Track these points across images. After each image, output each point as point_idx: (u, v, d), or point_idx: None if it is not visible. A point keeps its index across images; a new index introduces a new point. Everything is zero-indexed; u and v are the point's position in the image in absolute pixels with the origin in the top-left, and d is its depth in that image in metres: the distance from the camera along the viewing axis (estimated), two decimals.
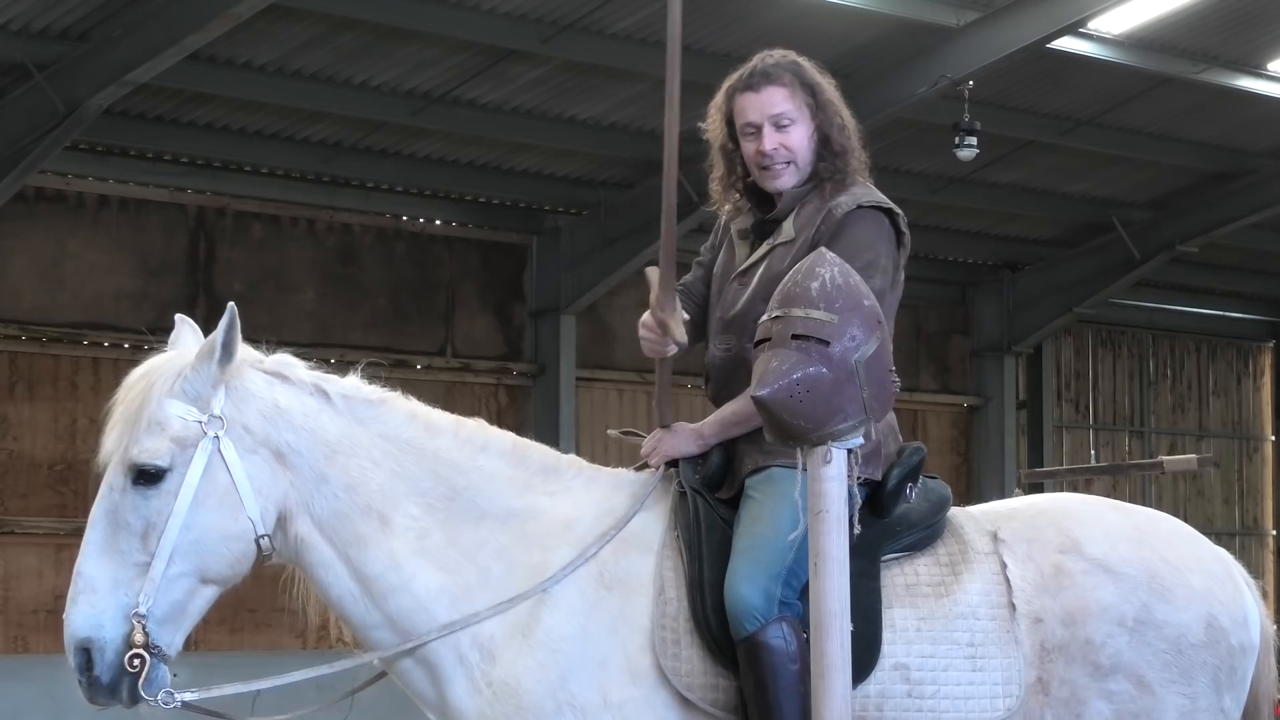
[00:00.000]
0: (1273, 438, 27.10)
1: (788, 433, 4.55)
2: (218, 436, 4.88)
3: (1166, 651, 5.19)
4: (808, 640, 4.86)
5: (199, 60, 14.98)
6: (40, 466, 16.75)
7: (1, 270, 16.59)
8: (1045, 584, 5.20)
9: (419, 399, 5.27)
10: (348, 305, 18.53)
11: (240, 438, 4.90)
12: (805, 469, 4.60)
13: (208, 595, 4.93)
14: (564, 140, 17.99)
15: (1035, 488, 19.43)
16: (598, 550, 5.04)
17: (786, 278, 4.69)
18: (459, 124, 17.31)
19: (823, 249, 4.71)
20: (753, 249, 5.39)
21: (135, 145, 16.99)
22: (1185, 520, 5.78)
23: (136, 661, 4.76)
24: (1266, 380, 27.20)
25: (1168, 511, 5.96)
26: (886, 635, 5.08)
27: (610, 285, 19.46)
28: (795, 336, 4.53)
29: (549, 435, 17.78)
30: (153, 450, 4.85)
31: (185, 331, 5.16)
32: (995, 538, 5.30)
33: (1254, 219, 21.94)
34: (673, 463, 5.30)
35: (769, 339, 4.58)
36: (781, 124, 5.35)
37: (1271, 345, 27.19)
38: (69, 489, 16.84)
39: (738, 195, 5.50)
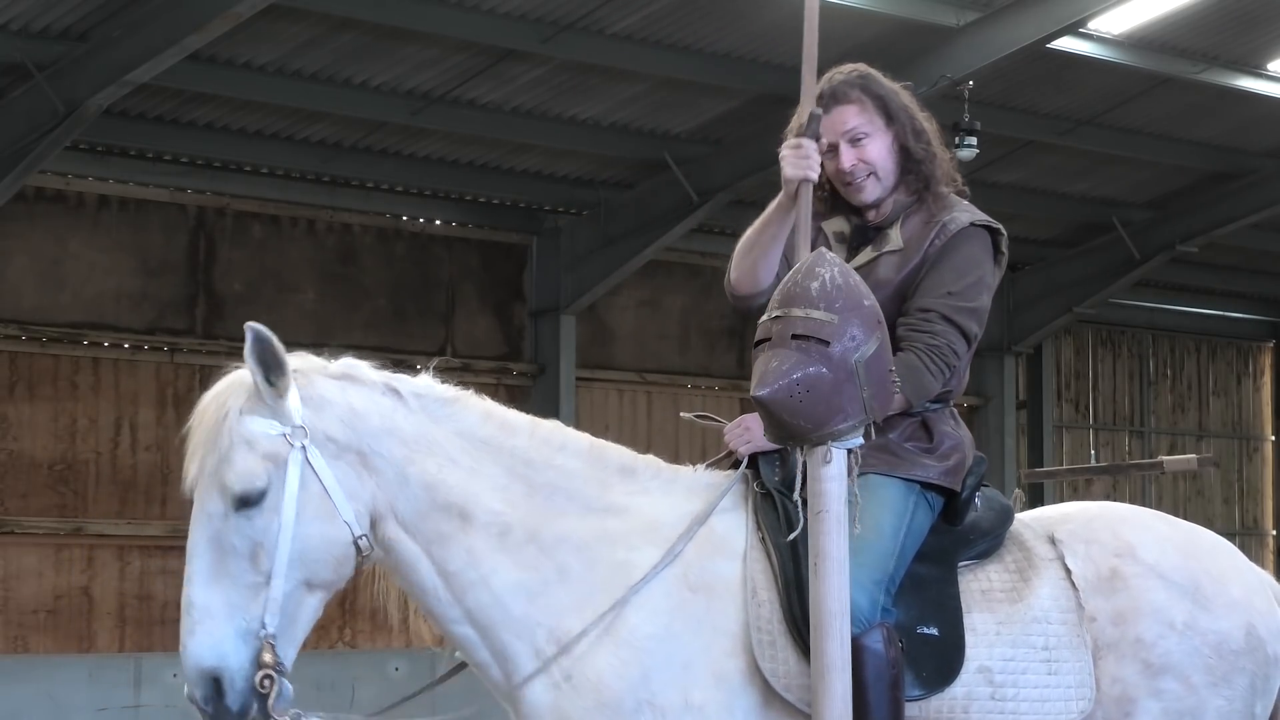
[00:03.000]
0: (1273, 438, 27.10)
1: (788, 433, 4.55)
2: (304, 446, 4.88)
3: (1210, 655, 5.30)
4: (903, 648, 4.97)
5: (199, 60, 14.98)
6: (40, 466, 16.74)
7: (1, 270, 16.59)
8: (1100, 585, 5.29)
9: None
10: (348, 305, 18.53)
11: (324, 445, 4.90)
12: (806, 466, 4.61)
13: (314, 604, 4.92)
14: (564, 140, 17.99)
15: (1035, 488, 19.47)
16: (680, 550, 5.04)
17: (786, 277, 4.69)
18: (459, 124, 17.31)
19: (822, 249, 4.71)
20: (851, 253, 5.36)
21: (135, 145, 16.99)
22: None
23: (267, 682, 4.74)
24: (1266, 380, 27.20)
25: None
26: (969, 639, 5.13)
27: (610, 285, 19.47)
28: (795, 336, 4.53)
29: None
30: (250, 472, 4.82)
31: None
32: (1054, 540, 5.40)
33: (1254, 219, 21.93)
34: (746, 464, 5.29)
35: (769, 339, 4.58)
36: (856, 139, 5.35)
37: (1271, 345, 27.19)
38: (69, 489, 16.84)
39: (822, 205, 5.47)
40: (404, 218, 19.01)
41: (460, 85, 16.56)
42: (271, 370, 4.85)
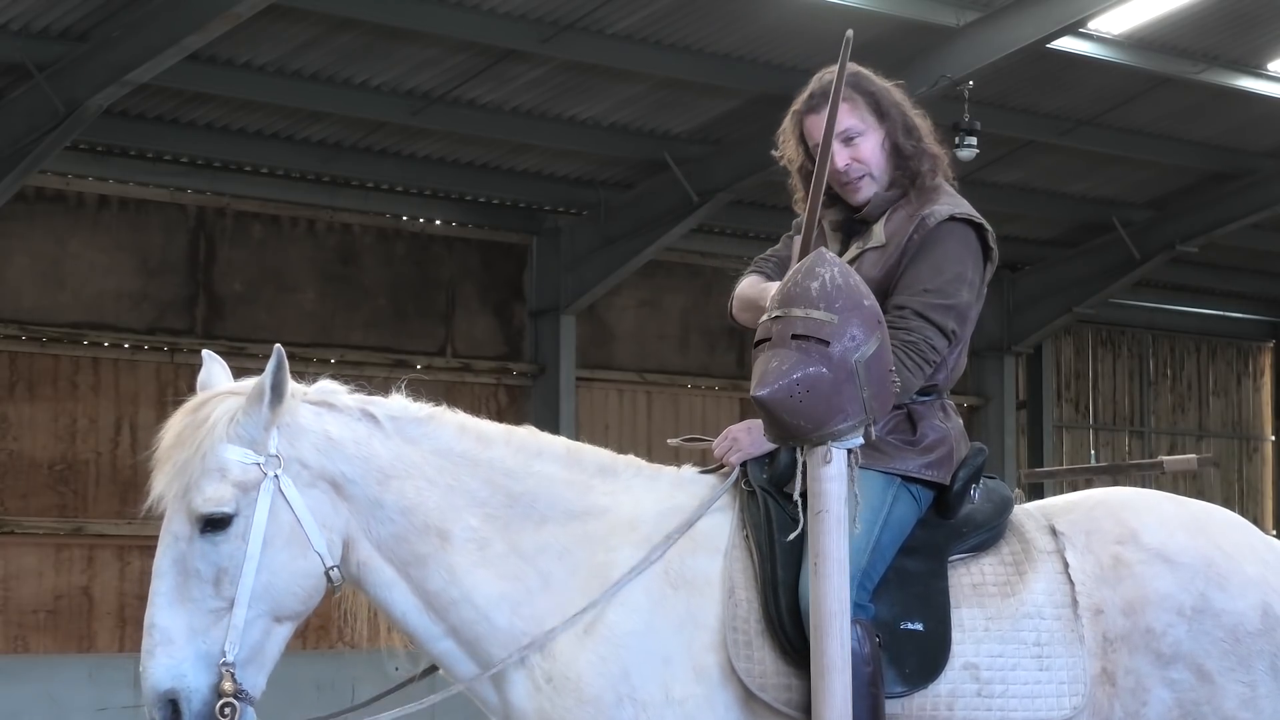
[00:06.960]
0: (1273, 438, 27.10)
1: (788, 433, 4.56)
2: (277, 475, 4.89)
3: (1224, 640, 5.20)
4: (880, 644, 4.94)
5: (199, 60, 14.98)
6: (40, 466, 16.74)
7: (1, 270, 16.58)
8: (1104, 575, 5.23)
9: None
10: (348, 305, 18.52)
11: (298, 474, 4.93)
12: (804, 467, 4.60)
13: (283, 633, 4.95)
14: (564, 140, 17.99)
15: (1035, 488, 19.44)
16: (664, 552, 5.04)
17: (786, 277, 4.69)
18: (459, 124, 17.31)
19: (821, 250, 4.71)
20: (842, 246, 5.36)
21: (135, 145, 16.98)
22: None
23: (228, 710, 4.75)
24: (1266, 380, 27.20)
25: None
26: (956, 635, 5.09)
27: (610, 285, 19.47)
28: (795, 336, 4.53)
29: None
30: (217, 498, 4.85)
31: (215, 369, 5.15)
32: (1054, 531, 5.33)
33: (1254, 219, 21.93)
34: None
35: (769, 339, 4.58)
36: (849, 139, 5.33)
37: (1271, 345, 27.19)
38: (69, 489, 16.83)
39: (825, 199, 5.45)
40: (404, 218, 19.00)
41: (460, 85, 16.56)
42: (278, 396, 4.89)
